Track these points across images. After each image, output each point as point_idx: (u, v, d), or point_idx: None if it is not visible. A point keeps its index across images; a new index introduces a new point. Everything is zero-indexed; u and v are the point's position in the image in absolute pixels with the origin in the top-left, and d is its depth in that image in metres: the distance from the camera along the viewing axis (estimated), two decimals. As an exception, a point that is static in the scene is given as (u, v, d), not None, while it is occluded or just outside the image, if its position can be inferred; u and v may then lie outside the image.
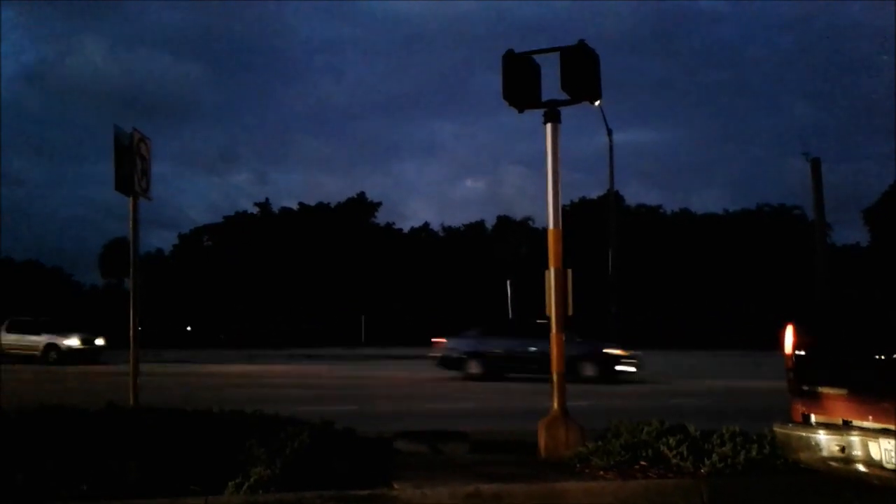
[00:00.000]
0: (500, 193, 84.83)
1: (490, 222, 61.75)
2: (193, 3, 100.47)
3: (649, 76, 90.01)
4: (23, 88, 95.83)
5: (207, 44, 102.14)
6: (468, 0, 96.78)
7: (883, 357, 4.57)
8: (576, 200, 56.03)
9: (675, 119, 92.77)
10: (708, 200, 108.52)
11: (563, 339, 7.08)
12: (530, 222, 57.22)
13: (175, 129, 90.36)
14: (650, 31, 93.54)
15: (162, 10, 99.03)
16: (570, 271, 7.17)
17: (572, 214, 47.90)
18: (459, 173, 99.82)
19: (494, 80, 7.27)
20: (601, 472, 6.06)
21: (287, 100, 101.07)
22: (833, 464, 4.64)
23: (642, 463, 6.13)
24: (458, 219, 69.63)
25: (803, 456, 4.88)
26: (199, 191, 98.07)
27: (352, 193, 63.78)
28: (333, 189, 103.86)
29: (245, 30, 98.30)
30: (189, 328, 54.77)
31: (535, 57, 7.22)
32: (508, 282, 31.45)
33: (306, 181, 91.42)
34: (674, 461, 6.06)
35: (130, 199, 8.19)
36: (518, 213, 60.79)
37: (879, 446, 4.38)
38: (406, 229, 63.73)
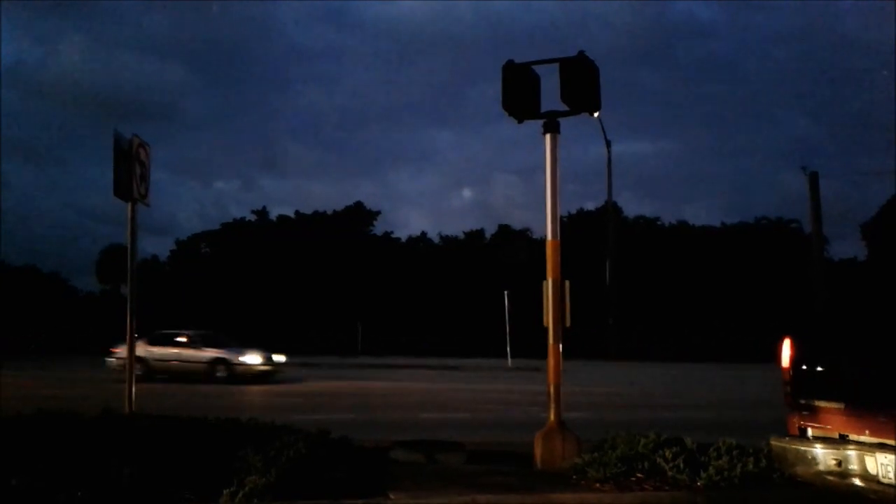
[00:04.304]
0: (496, 204, 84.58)
1: (489, 232, 61.59)
2: (184, 8, 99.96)
3: (645, 88, 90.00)
4: (8, 91, 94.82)
5: (199, 49, 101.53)
6: (464, 9, 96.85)
7: (880, 371, 4.58)
8: (573, 212, 55.96)
9: (672, 131, 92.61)
10: (704, 212, 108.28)
11: (560, 350, 7.08)
12: (528, 233, 57.16)
13: (165, 134, 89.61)
14: (647, 42, 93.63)
15: (152, 14, 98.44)
16: (567, 282, 7.17)
17: (570, 226, 47.95)
18: (456, 183, 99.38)
19: (491, 90, 7.32)
20: (597, 484, 6.05)
21: (280, 107, 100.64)
22: (829, 478, 4.63)
23: (638, 475, 6.12)
24: (455, 228, 69.38)
25: (800, 470, 4.87)
26: (189, 197, 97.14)
27: (348, 202, 63.66)
28: (328, 198, 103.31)
29: (238, 36, 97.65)
30: (184, 335, 54.85)
31: (535, 68, 7.25)
32: (506, 293, 31.43)
33: (300, 190, 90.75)
34: (670, 474, 6.05)
35: (129, 204, 8.17)
36: (516, 224, 60.64)
37: (876, 461, 4.38)
38: (403, 238, 63.66)
